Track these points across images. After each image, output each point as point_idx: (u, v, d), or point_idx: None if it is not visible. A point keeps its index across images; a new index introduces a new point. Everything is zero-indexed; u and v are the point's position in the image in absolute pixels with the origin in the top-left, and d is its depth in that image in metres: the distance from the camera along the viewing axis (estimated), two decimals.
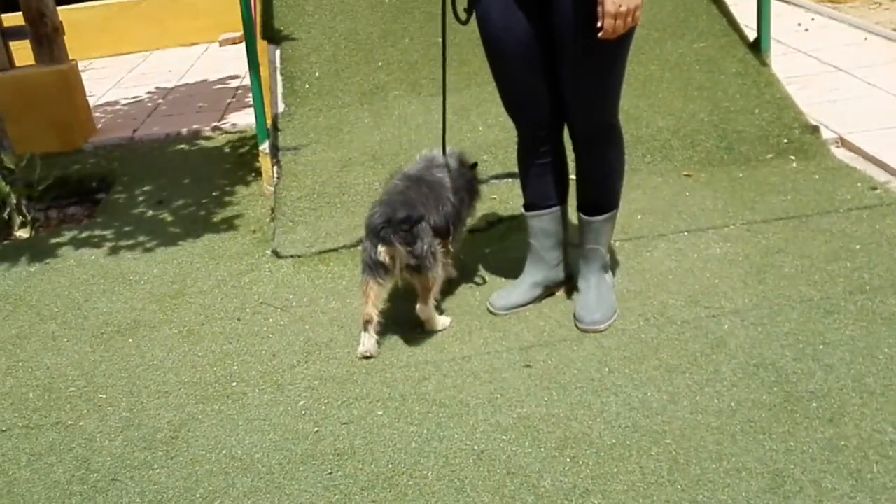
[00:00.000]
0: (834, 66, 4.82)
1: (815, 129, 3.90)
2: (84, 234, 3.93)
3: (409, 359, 2.69)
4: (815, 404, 2.27)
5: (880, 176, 3.54)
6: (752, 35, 4.37)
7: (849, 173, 3.59)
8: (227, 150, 4.89)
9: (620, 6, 2.32)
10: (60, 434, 2.51)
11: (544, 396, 2.43)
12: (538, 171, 2.84)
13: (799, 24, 5.62)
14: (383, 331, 2.82)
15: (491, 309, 2.91)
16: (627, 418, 2.30)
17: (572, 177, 2.84)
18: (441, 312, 2.88)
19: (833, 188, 3.47)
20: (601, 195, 2.75)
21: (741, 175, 3.68)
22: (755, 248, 3.09)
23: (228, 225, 3.85)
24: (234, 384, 2.66)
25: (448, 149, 3.00)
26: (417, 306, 2.76)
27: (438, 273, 2.73)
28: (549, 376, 2.52)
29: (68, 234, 3.95)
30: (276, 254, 3.48)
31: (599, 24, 2.36)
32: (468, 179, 3.01)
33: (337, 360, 2.73)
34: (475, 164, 3.10)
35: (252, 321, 3.03)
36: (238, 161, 4.65)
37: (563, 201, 2.89)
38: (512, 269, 3.07)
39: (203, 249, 3.64)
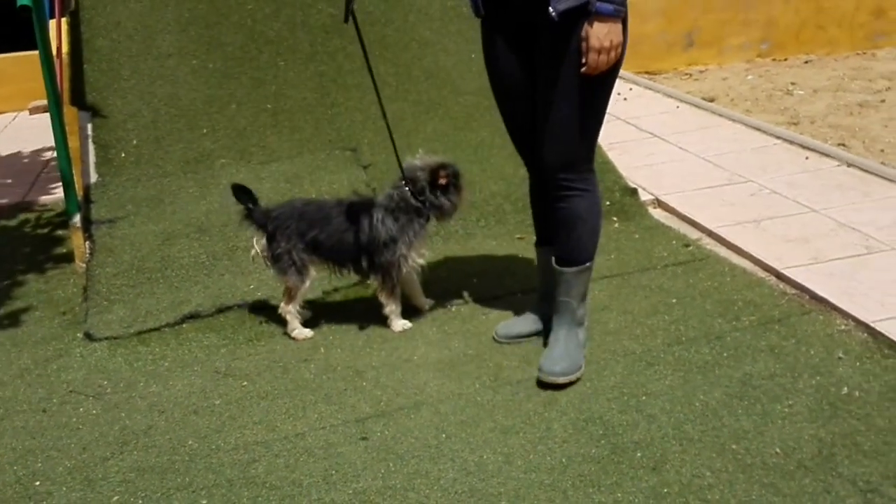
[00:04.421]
0: (650, 132, 5.15)
1: (633, 192, 4.12)
2: None
3: (238, 441, 2.53)
4: (639, 454, 2.32)
5: (692, 234, 3.77)
6: None
7: (665, 232, 3.80)
8: (34, 226, 4.53)
9: (604, 42, 2.39)
10: None
11: (381, 468, 2.35)
12: (543, 209, 2.87)
13: (618, 94, 6.00)
14: (209, 415, 2.65)
15: (495, 337, 2.96)
16: (464, 483, 2.25)
17: None
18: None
19: (651, 246, 3.66)
20: (569, 246, 2.73)
21: None
22: None
23: (34, 308, 3.52)
24: (38, 483, 2.40)
25: (414, 162, 3.04)
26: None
27: (293, 281, 3.03)
28: (386, 447, 2.44)
29: None
30: (89, 336, 3.21)
31: (584, 60, 2.44)
32: (416, 205, 3.01)
33: (157, 449, 2.52)
34: (436, 171, 3.00)
35: (59, 412, 2.75)
36: (47, 238, 4.31)
37: None
38: (350, 334, 2.98)
39: (4, 336, 3.29)
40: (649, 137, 5.06)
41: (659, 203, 4.13)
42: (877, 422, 2.38)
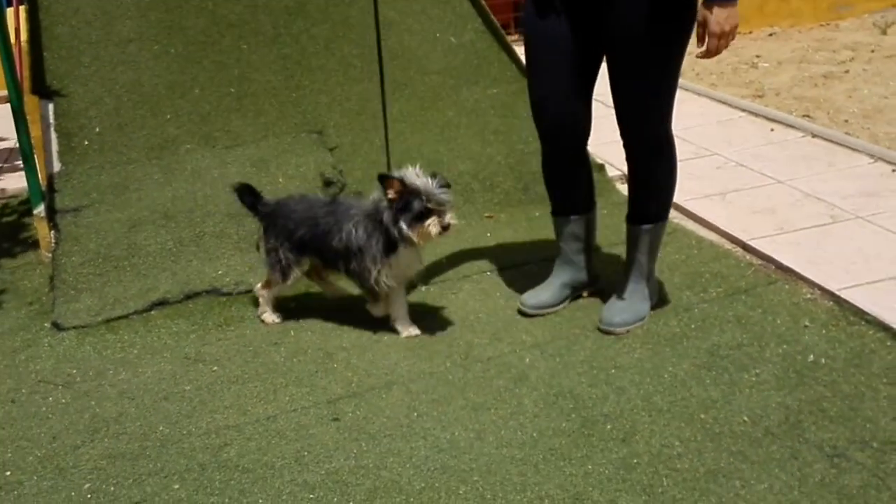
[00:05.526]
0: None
1: (601, 168, 4.14)
2: None
3: (209, 425, 2.52)
4: (609, 426, 2.35)
5: None
6: None
7: None
8: None
9: (724, 26, 2.46)
10: None
11: (353, 448, 2.35)
12: (561, 180, 2.93)
13: None
14: (180, 400, 2.64)
15: (522, 308, 2.97)
16: (436, 460, 2.27)
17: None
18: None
19: (619, 222, 3.61)
20: (647, 206, 2.83)
21: (538, 214, 3.81)
22: None
23: (0, 299, 3.48)
24: (9, 473, 2.38)
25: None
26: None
27: (276, 278, 3.02)
28: (357, 427, 2.45)
29: None
30: (57, 326, 3.18)
31: (703, 45, 2.51)
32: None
33: (127, 436, 2.50)
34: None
35: (29, 402, 2.73)
36: (12, 228, 4.26)
37: (588, 208, 2.96)
38: (320, 317, 2.97)
39: None
40: (614, 115, 5.07)
41: (625, 178, 4.14)
42: (842, 388, 2.42)
